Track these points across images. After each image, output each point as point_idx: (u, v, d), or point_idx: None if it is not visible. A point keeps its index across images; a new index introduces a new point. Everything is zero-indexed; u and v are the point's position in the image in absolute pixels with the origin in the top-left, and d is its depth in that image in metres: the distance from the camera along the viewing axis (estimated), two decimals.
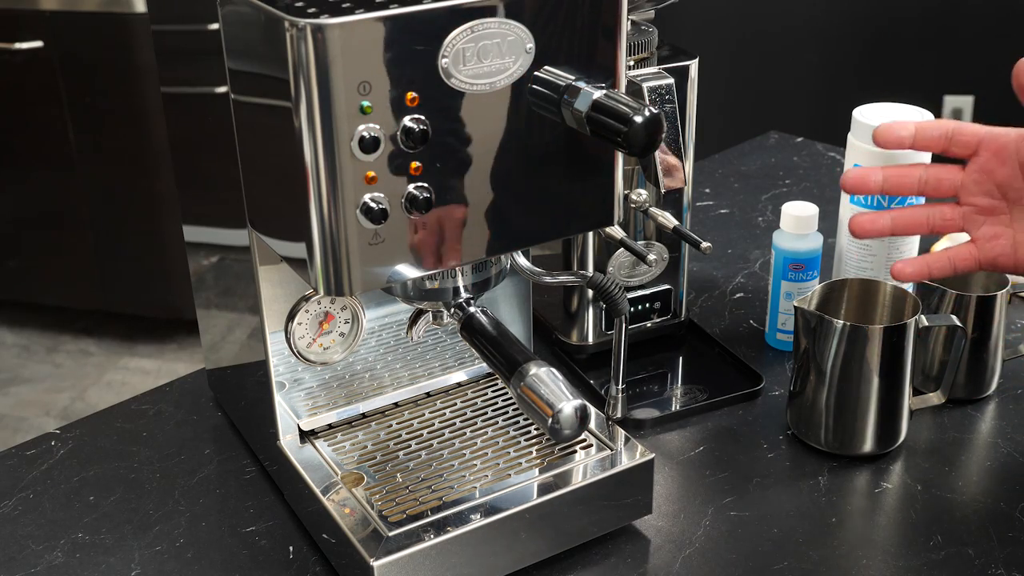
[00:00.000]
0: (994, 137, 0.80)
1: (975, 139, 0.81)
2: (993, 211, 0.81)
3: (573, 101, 0.70)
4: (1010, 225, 0.80)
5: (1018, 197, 0.80)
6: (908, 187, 0.82)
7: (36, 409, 2.61)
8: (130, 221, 2.62)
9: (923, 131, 0.82)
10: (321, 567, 0.85)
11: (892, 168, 0.82)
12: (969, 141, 0.81)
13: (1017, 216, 0.80)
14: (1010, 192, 0.80)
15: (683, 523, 0.89)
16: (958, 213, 0.81)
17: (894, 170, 0.82)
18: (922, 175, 0.82)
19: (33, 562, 0.86)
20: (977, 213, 0.81)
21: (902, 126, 0.82)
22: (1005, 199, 0.80)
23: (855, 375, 0.92)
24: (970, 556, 0.85)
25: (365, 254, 0.70)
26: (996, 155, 0.80)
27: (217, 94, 0.79)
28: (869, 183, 0.82)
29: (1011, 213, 0.80)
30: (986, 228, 0.80)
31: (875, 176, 0.82)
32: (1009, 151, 0.80)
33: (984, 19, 2.82)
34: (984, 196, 0.81)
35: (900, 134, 0.82)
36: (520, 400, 0.74)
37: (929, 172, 0.82)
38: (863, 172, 0.82)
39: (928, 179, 0.82)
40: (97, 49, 2.45)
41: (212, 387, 1.04)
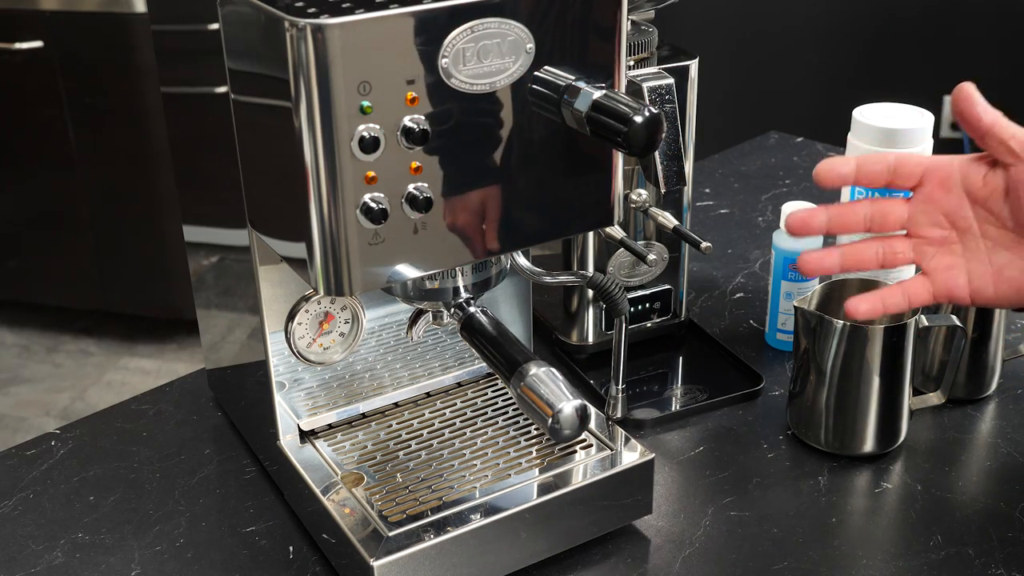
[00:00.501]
0: (937, 167, 0.79)
1: (918, 169, 0.80)
2: (944, 242, 0.79)
3: (573, 101, 0.70)
4: (962, 255, 0.79)
5: (967, 226, 0.79)
6: (853, 224, 0.81)
7: (36, 409, 2.61)
8: (130, 221, 2.62)
9: (864, 166, 0.80)
10: (321, 567, 0.85)
11: (835, 207, 0.81)
12: (912, 172, 0.80)
13: (969, 246, 0.79)
14: (959, 221, 0.79)
15: (683, 523, 0.89)
16: (908, 246, 0.80)
17: (837, 209, 0.81)
18: (867, 211, 0.80)
19: (33, 562, 0.86)
20: (927, 245, 0.80)
21: (843, 162, 0.81)
22: (955, 228, 0.79)
23: (855, 375, 0.92)
24: (970, 556, 0.85)
25: (365, 254, 0.70)
26: (941, 185, 0.79)
27: (217, 94, 0.79)
28: (813, 224, 0.81)
29: (962, 243, 0.79)
30: (938, 259, 0.79)
31: (818, 217, 0.81)
32: (953, 180, 0.79)
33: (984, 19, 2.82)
34: (933, 227, 0.79)
35: (841, 171, 0.80)
36: (520, 400, 0.74)
37: (874, 207, 0.80)
38: (806, 215, 0.81)
39: (873, 215, 0.81)
40: (97, 49, 2.45)
41: (212, 387, 1.04)
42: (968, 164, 0.79)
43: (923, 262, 0.80)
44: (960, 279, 0.79)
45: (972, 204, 0.79)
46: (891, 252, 0.81)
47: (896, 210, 0.80)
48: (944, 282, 0.79)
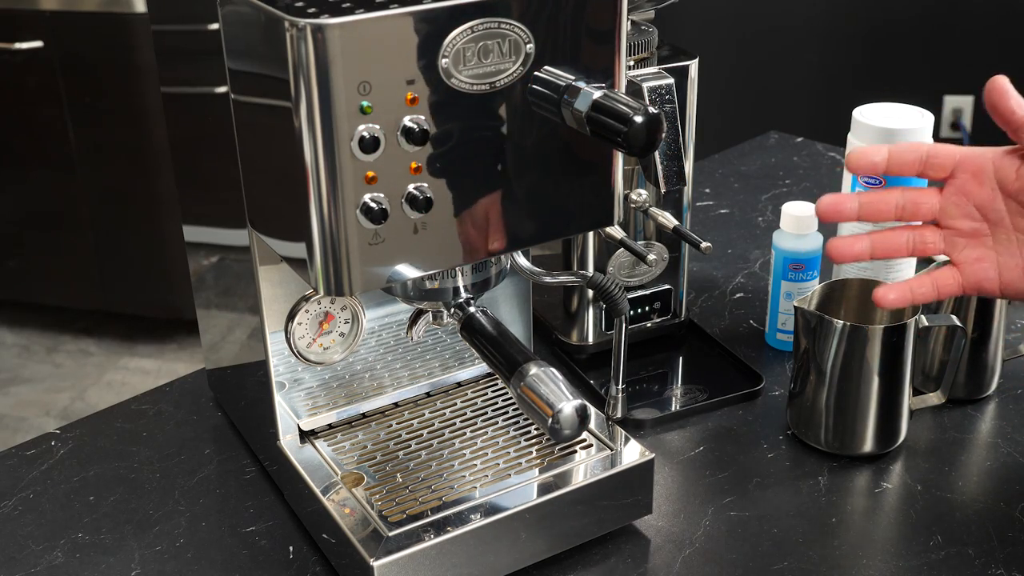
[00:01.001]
0: (970, 158, 0.79)
1: (951, 161, 0.79)
2: (975, 234, 0.79)
3: (573, 101, 0.70)
4: (992, 248, 0.79)
5: (999, 219, 0.78)
6: (885, 212, 0.80)
7: (36, 409, 2.61)
8: (130, 221, 2.62)
9: (897, 155, 0.80)
10: (321, 567, 0.85)
11: (868, 194, 0.80)
12: (945, 163, 0.79)
13: (999, 238, 0.78)
14: (990, 214, 0.78)
15: (683, 523, 0.89)
16: (939, 236, 0.80)
17: (870, 196, 0.80)
18: (899, 200, 0.80)
19: (33, 562, 0.86)
20: (958, 236, 0.79)
21: (875, 151, 0.80)
22: (986, 221, 0.79)
23: (855, 375, 0.92)
24: (970, 556, 0.85)
25: (365, 254, 0.70)
26: (974, 176, 0.78)
27: (217, 94, 0.79)
28: (844, 210, 0.80)
29: (993, 235, 0.79)
30: (968, 251, 0.79)
31: (850, 202, 0.80)
32: (987, 172, 0.78)
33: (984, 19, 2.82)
34: (964, 219, 0.79)
35: (873, 159, 0.80)
36: (520, 400, 0.74)
37: (906, 196, 0.80)
38: (837, 198, 0.80)
39: (906, 204, 0.80)
40: (97, 49, 2.45)
41: (212, 387, 1.04)
42: (1002, 157, 0.79)
43: (953, 253, 0.80)
44: (990, 271, 0.78)
45: (1005, 197, 0.78)
46: (921, 241, 0.80)
47: (929, 200, 0.80)
48: (974, 274, 0.79)
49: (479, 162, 0.72)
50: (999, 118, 0.77)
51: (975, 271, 0.79)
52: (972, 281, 0.79)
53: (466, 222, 0.73)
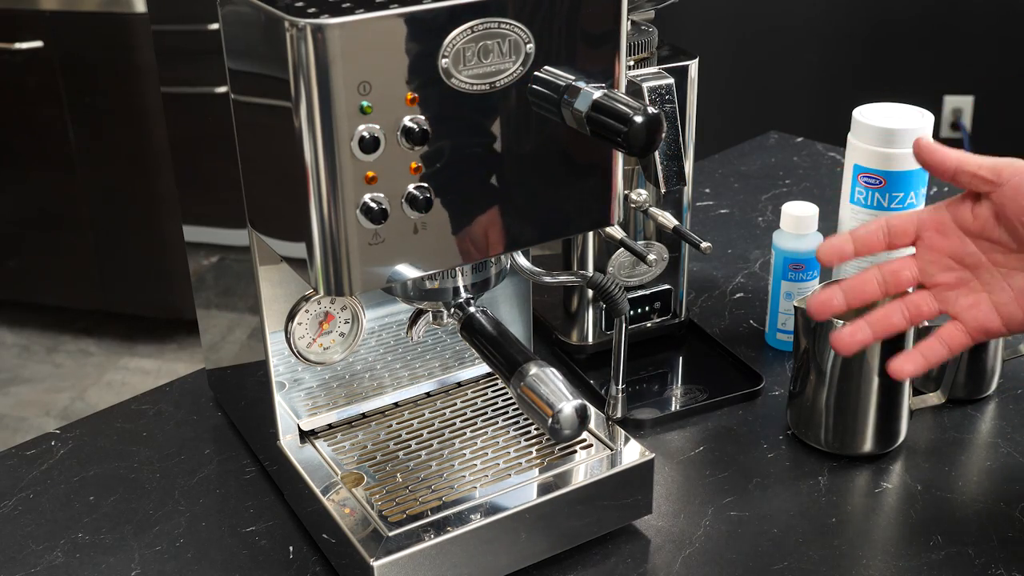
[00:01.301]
0: (929, 217, 0.82)
1: (911, 225, 0.82)
2: (961, 283, 0.81)
3: (573, 101, 0.70)
4: (982, 290, 0.80)
5: (977, 262, 0.81)
6: (870, 294, 0.83)
7: (36, 409, 2.61)
8: (130, 221, 2.62)
9: (860, 238, 0.83)
10: (321, 567, 0.85)
11: (847, 282, 0.83)
12: (907, 230, 0.83)
13: (984, 279, 0.80)
14: (967, 259, 0.81)
15: (683, 523, 0.89)
16: (929, 296, 0.82)
17: (850, 283, 0.83)
18: (878, 276, 0.83)
19: (33, 562, 0.86)
20: (947, 290, 0.81)
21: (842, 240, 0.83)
22: (966, 268, 0.81)
23: (855, 375, 0.92)
24: (970, 556, 0.85)
25: (365, 254, 0.70)
26: (937, 232, 0.81)
27: (217, 94, 0.79)
28: (832, 306, 0.83)
29: (978, 278, 0.81)
30: (962, 300, 0.81)
31: (836, 296, 0.83)
32: (947, 224, 0.81)
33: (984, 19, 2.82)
34: (945, 272, 0.81)
35: (843, 249, 0.83)
36: (520, 400, 0.74)
37: (884, 270, 0.83)
38: (824, 297, 0.83)
39: (886, 278, 0.83)
40: (97, 49, 2.45)
41: (212, 387, 1.04)
42: (955, 205, 0.82)
43: (948, 308, 0.82)
44: (989, 313, 0.80)
45: (973, 240, 0.81)
46: (915, 307, 0.83)
47: (906, 267, 0.83)
48: (974, 320, 0.81)
49: (479, 162, 0.72)
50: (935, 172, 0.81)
51: (975, 317, 0.80)
52: (975, 327, 0.81)
53: (466, 222, 0.73)
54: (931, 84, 2.91)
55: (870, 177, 1.03)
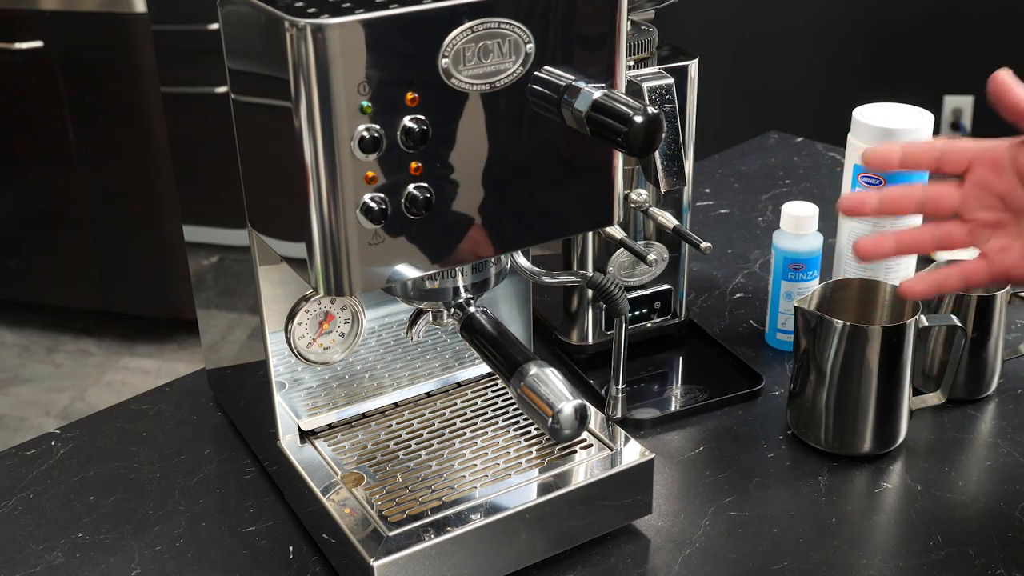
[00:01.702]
0: (985, 151, 0.80)
1: (966, 155, 0.80)
2: (999, 224, 0.80)
3: (573, 101, 0.70)
4: (1019, 236, 0.79)
5: (1021, 207, 0.79)
6: (907, 208, 0.81)
7: (36, 409, 2.61)
8: (130, 221, 2.62)
9: (911, 151, 0.81)
10: (321, 567, 0.85)
11: (890, 189, 0.81)
12: (960, 158, 0.80)
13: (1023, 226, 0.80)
14: (1012, 203, 0.79)
15: (683, 523, 0.89)
16: (964, 230, 0.80)
17: (891, 192, 0.81)
18: (921, 195, 0.81)
19: (33, 562, 0.86)
20: (982, 227, 0.80)
21: (890, 148, 0.81)
22: (1008, 210, 0.79)
23: (855, 375, 0.92)
24: (970, 556, 0.85)
25: (365, 254, 0.70)
26: (991, 168, 0.79)
27: (217, 94, 0.79)
28: (866, 206, 0.81)
29: (1017, 224, 0.79)
30: (994, 241, 0.79)
31: (871, 198, 0.81)
32: (1003, 162, 0.79)
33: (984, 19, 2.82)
34: (986, 210, 0.80)
35: (888, 157, 0.81)
36: (520, 400, 0.74)
37: (928, 192, 0.81)
38: (860, 195, 0.81)
39: (928, 199, 0.81)
40: (97, 49, 2.45)
41: (212, 387, 1.04)
42: (1017, 147, 0.79)
43: (979, 244, 0.80)
44: (1018, 260, 0.79)
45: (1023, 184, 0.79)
46: (947, 235, 0.81)
47: (950, 194, 0.80)
48: (1001, 262, 0.79)
49: (479, 162, 0.72)
50: (1005, 111, 0.78)
51: (1003, 260, 0.79)
52: (1000, 269, 0.79)
53: (466, 222, 0.73)
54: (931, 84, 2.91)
55: (870, 177, 1.03)
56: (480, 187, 0.72)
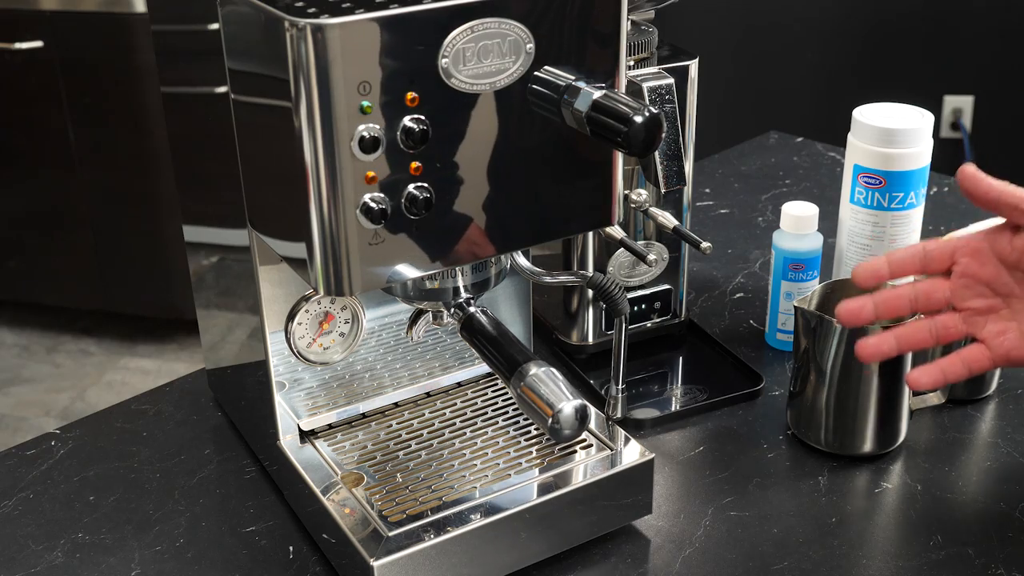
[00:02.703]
0: (966, 243, 0.83)
1: (948, 251, 0.83)
2: (991, 309, 0.82)
3: (573, 101, 0.70)
4: (1012, 318, 0.81)
5: (1010, 291, 0.81)
6: (901, 309, 0.84)
7: (36, 409, 2.61)
8: (130, 221, 2.62)
9: (896, 260, 0.83)
10: (321, 567, 0.85)
11: (881, 294, 0.83)
12: (942, 254, 0.83)
13: (1016, 308, 0.82)
14: (1000, 288, 0.81)
15: (683, 523, 0.89)
16: (958, 319, 0.83)
17: (884, 295, 0.83)
18: (911, 295, 0.83)
19: (33, 562, 0.86)
20: (976, 315, 0.82)
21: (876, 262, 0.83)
22: (998, 295, 0.82)
23: (855, 375, 0.92)
24: (970, 556, 0.85)
25: (365, 254, 0.70)
26: (974, 258, 0.82)
27: (217, 94, 0.79)
28: (862, 315, 0.83)
29: (1009, 306, 0.82)
30: (990, 326, 0.82)
31: (867, 307, 0.83)
32: (985, 252, 0.82)
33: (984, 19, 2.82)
34: (977, 298, 0.82)
35: (877, 270, 0.83)
36: (520, 400, 0.74)
37: (918, 289, 0.83)
38: (855, 307, 0.83)
39: (918, 296, 0.83)
40: (97, 49, 2.45)
41: (212, 387, 1.04)
42: (994, 234, 0.82)
43: (976, 332, 0.82)
44: (1016, 342, 0.81)
45: (1009, 270, 0.82)
46: (943, 328, 0.83)
47: (939, 289, 0.83)
48: (1000, 346, 0.82)
49: (479, 162, 0.72)
50: (978, 201, 0.81)
51: (1001, 344, 0.81)
52: (1000, 354, 0.82)
53: (466, 222, 0.73)
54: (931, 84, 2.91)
55: (870, 177, 1.03)
56: (480, 187, 0.72)
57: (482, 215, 0.73)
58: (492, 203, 0.73)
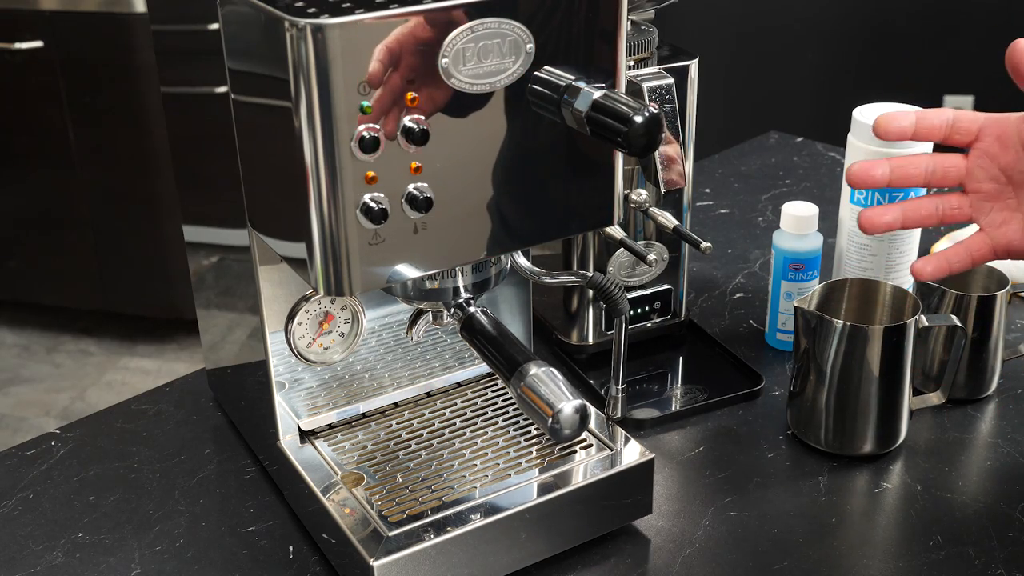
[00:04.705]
0: (995, 122, 0.81)
1: (976, 125, 0.81)
2: (999, 196, 0.80)
3: (573, 101, 0.70)
4: (1018, 209, 0.80)
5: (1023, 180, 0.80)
6: (915, 178, 0.82)
7: (36, 409, 2.61)
8: (130, 221, 2.62)
9: (924, 120, 0.82)
10: (321, 567, 0.85)
11: (898, 159, 0.82)
12: (970, 128, 0.81)
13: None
14: (1015, 176, 0.80)
15: (683, 523, 0.89)
16: (965, 201, 0.81)
17: (900, 161, 0.82)
18: (928, 165, 0.82)
19: (33, 562, 0.86)
20: (984, 200, 0.81)
21: (903, 115, 0.82)
22: (1010, 183, 0.80)
23: (855, 375, 0.92)
24: (970, 556, 0.85)
25: (365, 254, 0.70)
26: (998, 140, 0.80)
27: (217, 94, 0.79)
28: (875, 176, 0.82)
29: (1018, 197, 0.80)
30: (994, 214, 0.80)
31: (880, 168, 0.82)
32: (1011, 135, 0.80)
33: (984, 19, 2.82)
34: (990, 181, 0.81)
35: (901, 124, 0.82)
36: (520, 400, 0.74)
37: (935, 162, 0.82)
38: (867, 164, 0.82)
39: (935, 168, 0.82)
40: (97, 49, 2.45)
41: (212, 387, 1.04)
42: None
43: (980, 218, 0.81)
44: (1018, 232, 0.80)
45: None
46: (949, 207, 0.82)
47: (956, 164, 0.82)
48: (1003, 236, 0.80)
49: (479, 162, 0.72)
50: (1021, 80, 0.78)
51: (1004, 233, 0.80)
52: (1002, 243, 0.80)
53: (466, 222, 0.73)
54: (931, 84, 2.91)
55: None
56: (480, 187, 0.72)
57: (482, 215, 0.73)
58: (492, 203, 0.73)
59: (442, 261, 0.74)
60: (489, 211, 0.73)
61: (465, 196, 0.72)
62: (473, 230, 0.73)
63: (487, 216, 0.74)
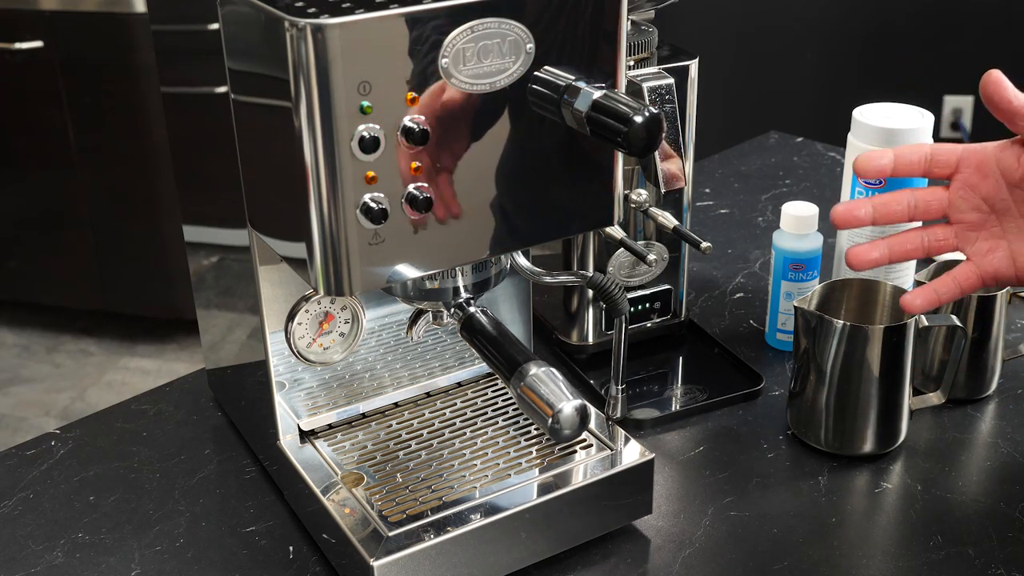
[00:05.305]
0: (973, 152, 0.82)
1: (954, 157, 0.82)
2: (984, 225, 0.81)
3: (573, 101, 0.70)
4: (1003, 237, 0.81)
5: (1006, 208, 0.81)
6: (898, 214, 0.83)
7: (36, 409, 2.61)
8: (130, 221, 2.62)
9: (902, 157, 0.83)
10: (321, 567, 0.85)
11: (880, 197, 0.83)
12: (948, 160, 0.82)
13: (1009, 227, 0.81)
14: (997, 204, 0.81)
15: (683, 523, 0.89)
16: (951, 232, 0.82)
17: (882, 199, 0.83)
18: (910, 200, 0.83)
19: (33, 562, 0.86)
20: (968, 230, 0.82)
21: (880, 154, 0.83)
22: (993, 212, 0.81)
23: (855, 375, 0.92)
24: (970, 556, 0.85)
25: (365, 254, 0.70)
26: (977, 170, 0.81)
27: (217, 94, 0.79)
28: (859, 216, 0.83)
29: (1002, 225, 0.81)
30: (980, 243, 0.81)
31: (863, 208, 0.83)
32: (989, 164, 0.81)
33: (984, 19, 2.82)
34: (973, 212, 0.82)
35: (880, 163, 0.83)
36: (520, 400, 0.74)
37: (916, 196, 0.83)
38: (851, 205, 0.83)
39: (917, 203, 0.83)
40: (97, 49, 2.45)
41: (212, 387, 1.04)
42: (1003, 148, 0.81)
43: (966, 248, 0.82)
44: (1004, 260, 0.81)
45: (1009, 187, 0.81)
46: (934, 239, 0.83)
47: (937, 198, 0.82)
48: (989, 264, 0.81)
49: (479, 162, 0.72)
50: (996, 110, 0.79)
51: (990, 262, 0.81)
52: (989, 272, 0.81)
53: (466, 222, 0.73)
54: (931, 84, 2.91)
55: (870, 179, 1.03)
56: (480, 187, 0.72)
57: (482, 215, 0.73)
58: (492, 203, 0.73)
59: (442, 261, 0.74)
60: (489, 211, 0.73)
61: (465, 196, 0.72)
62: (473, 230, 0.73)
63: (487, 216, 0.74)
